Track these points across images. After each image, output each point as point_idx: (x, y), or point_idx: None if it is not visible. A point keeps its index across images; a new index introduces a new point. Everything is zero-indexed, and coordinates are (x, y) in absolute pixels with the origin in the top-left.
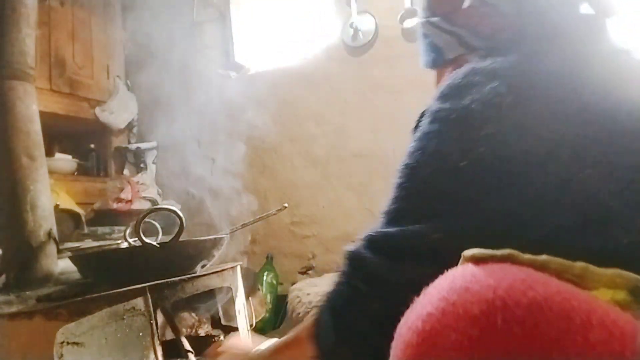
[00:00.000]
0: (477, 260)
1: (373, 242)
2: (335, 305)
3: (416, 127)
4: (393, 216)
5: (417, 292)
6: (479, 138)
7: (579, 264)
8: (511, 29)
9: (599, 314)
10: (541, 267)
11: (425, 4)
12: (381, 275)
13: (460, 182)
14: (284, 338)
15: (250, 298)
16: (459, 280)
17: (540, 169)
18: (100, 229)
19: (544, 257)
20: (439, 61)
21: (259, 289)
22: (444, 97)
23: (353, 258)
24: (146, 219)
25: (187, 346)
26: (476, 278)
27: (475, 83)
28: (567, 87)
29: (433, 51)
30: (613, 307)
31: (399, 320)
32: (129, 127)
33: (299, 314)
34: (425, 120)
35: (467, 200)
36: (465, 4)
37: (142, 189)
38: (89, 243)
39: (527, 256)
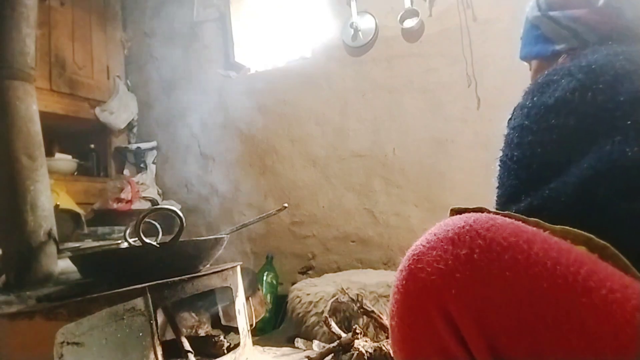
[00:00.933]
0: (456, 212)
1: None
2: None
3: (510, 119)
4: (495, 205)
5: None
6: (552, 126)
7: (533, 221)
8: (626, 31)
9: (540, 236)
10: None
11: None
12: None
13: (538, 167)
14: None
15: (250, 298)
16: (442, 223)
17: (600, 146)
18: (100, 229)
19: (506, 212)
20: (546, 52)
21: (259, 289)
22: (527, 94)
23: None
24: (146, 219)
25: (187, 346)
26: (454, 218)
27: (554, 81)
28: (628, 81)
29: (541, 42)
30: (560, 240)
31: None
32: (129, 127)
33: (299, 314)
34: (513, 116)
35: (542, 182)
36: (595, 5)
37: (142, 189)
38: (89, 243)
39: (494, 210)
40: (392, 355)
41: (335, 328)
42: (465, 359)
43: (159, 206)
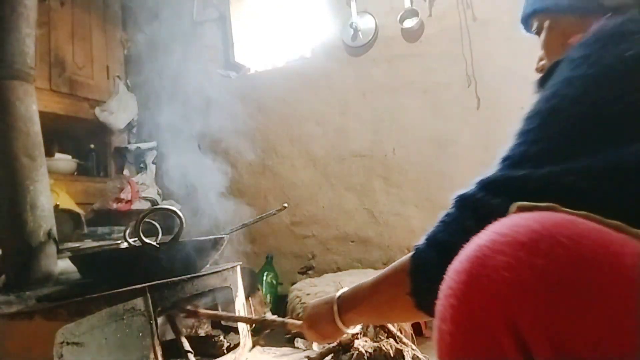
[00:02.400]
0: (523, 210)
1: (493, 184)
2: (443, 242)
3: (545, 77)
4: (517, 160)
5: None
6: (632, 87)
7: (614, 222)
8: None
9: (631, 246)
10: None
11: None
12: (501, 215)
13: (605, 127)
14: (372, 278)
15: (250, 298)
16: (508, 221)
17: None
18: (100, 229)
19: (582, 212)
20: (586, 7)
21: (259, 289)
22: (589, 44)
23: (464, 200)
24: (146, 219)
25: (187, 346)
26: (524, 218)
27: (633, 31)
28: None
29: None
30: None
31: None
32: (129, 127)
33: (298, 313)
34: (567, 67)
35: (609, 146)
36: None
37: (142, 189)
38: (89, 243)
39: (567, 210)
40: (392, 355)
41: None
42: None
43: (159, 206)
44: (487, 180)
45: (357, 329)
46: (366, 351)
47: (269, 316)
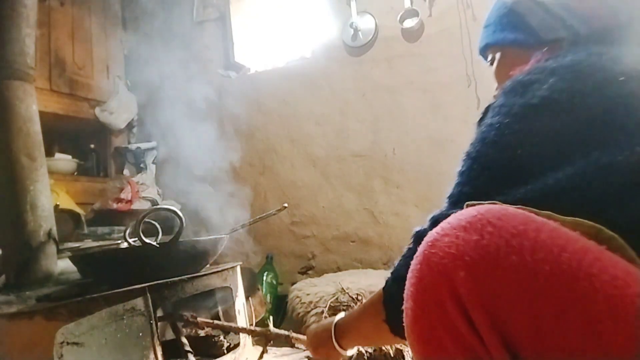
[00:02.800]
0: (469, 206)
1: (438, 221)
2: (404, 276)
3: (480, 120)
4: (455, 199)
5: None
6: (536, 129)
7: (545, 212)
8: (615, 31)
9: (550, 223)
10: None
11: None
12: None
13: (517, 167)
14: (359, 307)
15: (250, 298)
16: (456, 214)
17: (587, 151)
18: (100, 229)
19: (518, 206)
20: (527, 42)
21: (259, 289)
22: (507, 93)
23: (420, 235)
24: (146, 219)
25: (187, 346)
26: (467, 209)
27: (536, 80)
28: (616, 83)
29: (521, 30)
30: (568, 230)
31: None
32: (129, 127)
33: (299, 313)
34: (490, 114)
35: (520, 183)
36: None
37: (142, 189)
38: (89, 243)
39: (504, 204)
40: (392, 355)
41: None
42: (473, 338)
43: (159, 206)
44: (435, 217)
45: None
46: (366, 351)
47: (273, 329)
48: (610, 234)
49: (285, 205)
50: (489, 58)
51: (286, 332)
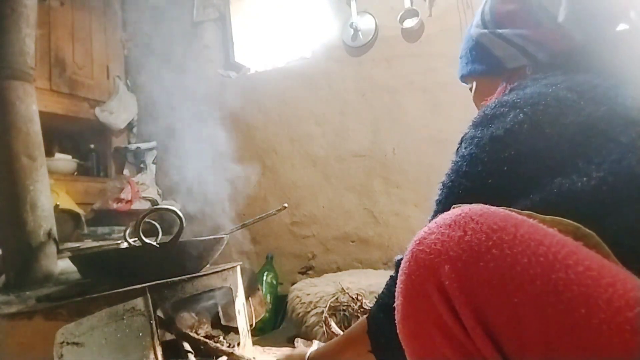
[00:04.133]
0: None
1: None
2: (389, 304)
3: (457, 150)
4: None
5: None
6: (502, 159)
7: (526, 212)
8: (574, 54)
9: (529, 221)
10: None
11: (489, 17)
12: None
13: (487, 197)
14: (338, 337)
15: (250, 298)
16: (443, 214)
17: (550, 178)
18: (100, 229)
19: (503, 207)
20: (493, 71)
21: (259, 289)
22: (476, 125)
23: (399, 264)
24: (146, 219)
25: (187, 346)
26: (454, 210)
27: (500, 113)
28: (573, 111)
29: (487, 60)
30: (547, 227)
31: None
32: (129, 127)
33: (299, 314)
34: (462, 145)
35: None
36: (546, 25)
37: (142, 189)
38: (89, 243)
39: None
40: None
41: (335, 328)
42: (459, 330)
43: (159, 206)
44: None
45: None
46: None
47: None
48: (588, 231)
49: (285, 205)
50: (468, 86)
51: None
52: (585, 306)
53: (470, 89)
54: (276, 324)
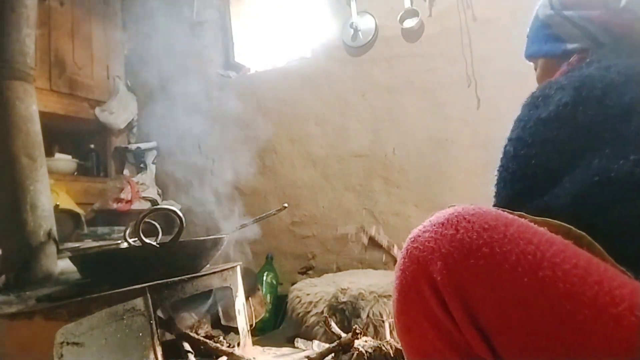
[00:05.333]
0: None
1: None
2: None
3: (511, 132)
4: (494, 203)
5: None
6: (545, 140)
7: (517, 213)
8: (635, 36)
9: (519, 220)
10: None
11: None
12: None
13: (532, 178)
14: None
15: (250, 298)
16: (437, 213)
17: (589, 159)
18: (100, 229)
19: (494, 208)
20: (556, 51)
21: (259, 289)
22: (524, 107)
23: None
24: (146, 219)
25: (187, 346)
26: (447, 209)
27: (548, 95)
28: (616, 93)
29: (552, 41)
30: (536, 226)
31: None
32: (129, 127)
33: (299, 314)
34: (514, 126)
35: (536, 194)
36: (612, 7)
37: (142, 189)
38: (89, 243)
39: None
40: (392, 355)
41: (335, 328)
42: (450, 324)
43: (159, 206)
44: None
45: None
46: (366, 351)
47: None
48: (579, 232)
49: (285, 205)
50: (534, 66)
51: None
52: (570, 303)
53: (535, 69)
54: (276, 324)
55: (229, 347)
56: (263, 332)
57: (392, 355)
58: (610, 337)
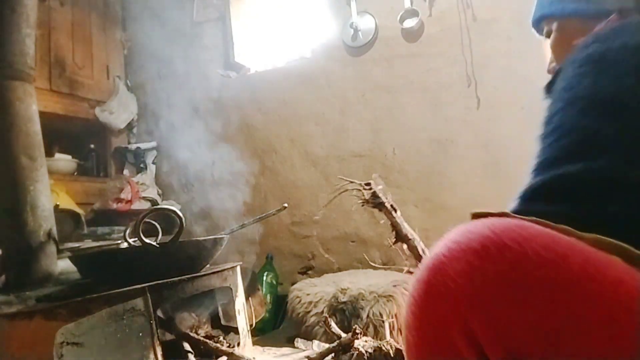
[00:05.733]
0: (478, 217)
1: (528, 196)
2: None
3: (551, 84)
4: (544, 165)
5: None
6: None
7: (562, 227)
8: None
9: (578, 248)
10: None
11: None
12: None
13: (568, 159)
14: None
15: (250, 298)
16: (462, 229)
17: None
18: (100, 229)
19: (532, 218)
20: (589, 10)
21: (259, 289)
22: (592, 43)
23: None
24: (146, 219)
25: (187, 346)
26: (477, 225)
27: (628, 25)
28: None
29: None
30: (597, 251)
31: None
32: (129, 127)
33: (299, 314)
34: (579, 63)
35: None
36: None
37: (142, 189)
38: (89, 243)
39: (516, 215)
40: (392, 355)
41: (335, 328)
42: None
43: (158, 206)
44: (523, 195)
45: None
46: (366, 351)
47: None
48: (638, 253)
49: (285, 205)
50: (544, 31)
51: None
52: None
53: (547, 35)
54: (276, 324)
55: (229, 347)
56: (263, 332)
57: (392, 355)
58: None
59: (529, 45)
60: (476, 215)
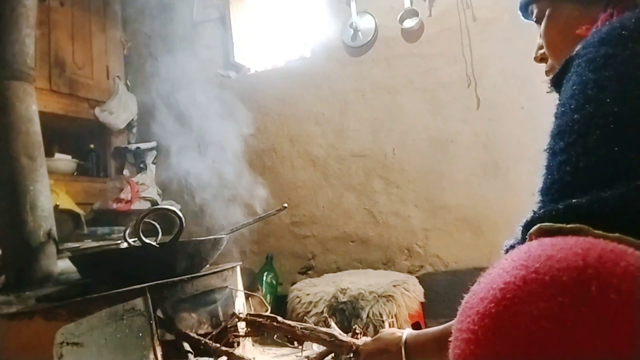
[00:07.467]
0: (546, 233)
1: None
2: None
3: (560, 75)
4: (559, 191)
5: None
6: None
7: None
8: None
9: None
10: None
11: None
12: None
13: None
14: (441, 327)
15: (250, 298)
16: (537, 250)
17: None
18: (100, 229)
19: (616, 235)
20: None
21: (259, 289)
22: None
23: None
24: (146, 219)
25: (187, 346)
26: (557, 247)
27: (597, 41)
28: None
29: None
30: None
31: None
32: (129, 127)
33: (299, 314)
34: (597, 59)
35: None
36: None
37: (142, 189)
38: (88, 243)
39: (599, 232)
40: None
41: (335, 328)
42: None
43: (158, 206)
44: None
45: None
46: None
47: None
48: None
49: (285, 205)
50: (534, 14)
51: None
52: None
53: (537, 20)
54: None
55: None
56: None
57: None
58: None
59: (529, 45)
60: (543, 231)
